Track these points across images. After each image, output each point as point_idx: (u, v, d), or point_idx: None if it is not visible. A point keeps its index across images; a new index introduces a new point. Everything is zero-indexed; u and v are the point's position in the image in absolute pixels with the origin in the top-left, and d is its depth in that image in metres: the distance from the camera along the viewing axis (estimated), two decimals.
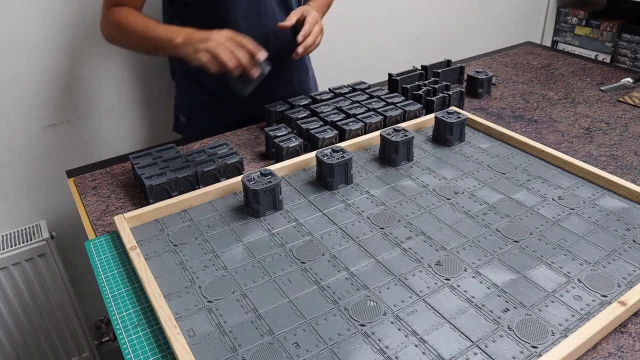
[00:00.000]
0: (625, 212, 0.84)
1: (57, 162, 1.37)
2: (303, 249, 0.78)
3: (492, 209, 0.86)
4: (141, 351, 0.63)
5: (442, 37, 2.08)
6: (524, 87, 1.37)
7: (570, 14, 2.40)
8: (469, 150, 1.04)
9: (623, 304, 0.65)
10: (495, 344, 0.62)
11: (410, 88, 1.23)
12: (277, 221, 0.84)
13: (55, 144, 1.36)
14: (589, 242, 0.78)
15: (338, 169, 0.90)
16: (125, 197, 0.95)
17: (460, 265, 0.74)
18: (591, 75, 1.44)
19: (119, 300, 0.71)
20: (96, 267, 0.77)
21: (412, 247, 0.78)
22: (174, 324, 0.63)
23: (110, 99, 1.40)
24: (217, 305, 0.68)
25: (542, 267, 0.73)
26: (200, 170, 0.91)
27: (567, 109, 1.24)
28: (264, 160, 1.05)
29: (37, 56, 1.25)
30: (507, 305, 0.67)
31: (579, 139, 1.10)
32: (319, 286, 0.71)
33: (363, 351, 0.61)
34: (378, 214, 0.85)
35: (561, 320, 0.64)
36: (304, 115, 1.12)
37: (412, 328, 0.64)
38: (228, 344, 0.63)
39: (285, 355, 0.61)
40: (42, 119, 1.32)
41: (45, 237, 1.34)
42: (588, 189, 0.90)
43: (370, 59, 1.53)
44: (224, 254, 0.77)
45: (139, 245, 0.78)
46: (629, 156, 1.03)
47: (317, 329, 0.64)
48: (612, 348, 0.63)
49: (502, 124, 1.16)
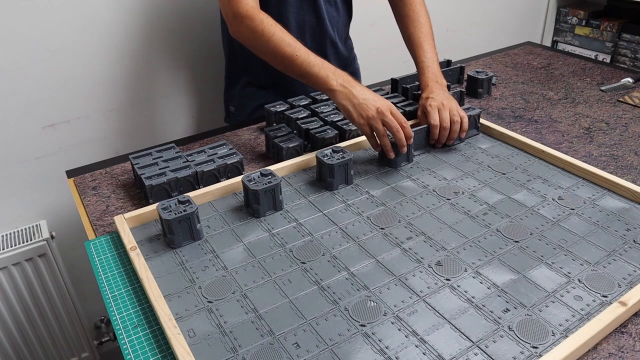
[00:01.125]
0: (625, 212, 0.84)
1: (57, 162, 1.37)
2: (303, 249, 0.78)
3: (492, 209, 0.86)
4: (141, 351, 0.63)
5: (442, 37, 2.07)
6: (524, 87, 1.37)
7: (570, 14, 2.40)
8: (469, 150, 1.04)
9: (623, 304, 0.65)
10: (495, 344, 0.62)
11: (410, 88, 1.23)
12: (277, 221, 0.84)
13: (55, 144, 1.36)
14: (589, 242, 0.78)
15: (338, 169, 0.90)
16: (125, 197, 0.94)
17: (461, 265, 0.74)
18: (591, 75, 1.44)
19: (119, 300, 0.71)
20: (96, 267, 0.77)
21: (412, 248, 0.78)
22: (174, 324, 0.63)
23: (110, 99, 1.40)
24: (217, 305, 0.68)
25: (543, 267, 0.73)
26: (200, 170, 0.91)
27: (567, 109, 1.24)
28: (264, 160, 1.05)
29: (37, 56, 1.25)
30: (508, 305, 0.67)
31: (579, 139, 1.10)
32: (319, 286, 0.71)
33: (363, 351, 0.61)
34: (378, 214, 0.85)
35: (561, 321, 0.64)
36: (304, 115, 1.12)
37: (413, 328, 0.64)
38: (228, 344, 0.62)
39: (286, 356, 0.61)
40: (42, 119, 1.32)
41: (45, 237, 1.34)
42: (588, 189, 0.90)
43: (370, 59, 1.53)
44: (224, 254, 0.77)
45: (139, 246, 0.78)
46: (629, 156, 1.03)
47: (317, 329, 0.64)
48: (612, 348, 0.63)
49: (502, 124, 1.16)
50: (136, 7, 1.34)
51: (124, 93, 1.42)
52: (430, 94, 1.05)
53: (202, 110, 1.57)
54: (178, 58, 1.45)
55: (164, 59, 1.44)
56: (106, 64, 1.36)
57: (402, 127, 0.93)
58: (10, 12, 1.19)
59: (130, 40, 1.36)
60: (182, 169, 0.92)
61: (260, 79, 1.25)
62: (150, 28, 1.38)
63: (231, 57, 1.28)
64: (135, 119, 1.46)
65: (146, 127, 1.49)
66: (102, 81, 1.37)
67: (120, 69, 1.38)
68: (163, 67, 1.45)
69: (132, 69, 1.40)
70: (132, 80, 1.41)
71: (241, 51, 1.20)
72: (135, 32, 1.36)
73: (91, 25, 1.29)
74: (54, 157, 1.37)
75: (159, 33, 1.40)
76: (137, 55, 1.39)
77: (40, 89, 1.29)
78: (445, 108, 1.01)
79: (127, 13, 1.33)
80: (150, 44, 1.40)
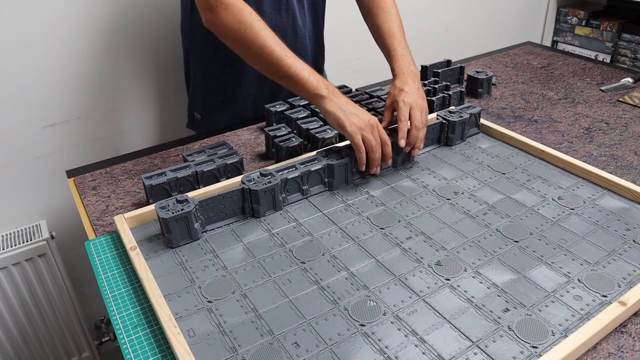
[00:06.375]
0: (625, 212, 0.84)
1: (57, 162, 1.37)
2: (303, 249, 0.78)
3: (492, 209, 0.86)
4: (141, 351, 0.63)
5: (442, 37, 2.08)
6: (524, 87, 1.37)
7: (570, 14, 2.40)
8: (469, 150, 1.04)
9: (623, 304, 0.65)
10: (495, 344, 0.62)
11: None
12: (277, 221, 0.84)
13: (55, 144, 1.36)
14: (589, 242, 0.78)
15: (338, 169, 0.90)
16: (125, 197, 0.95)
17: (460, 265, 0.74)
18: (591, 75, 1.44)
19: (119, 300, 0.71)
20: (96, 267, 0.77)
21: (412, 247, 0.78)
22: (174, 324, 0.63)
23: (110, 99, 1.40)
24: (217, 305, 0.68)
25: (542, 267, 0.73)
26: (200, 170, 0.91)
27: (567, 109, 1.24)
28: (264, 160, 1.05)
29: (37, 56, 1.25)
30: (507, 305, 0.67)
31: (579, 139, 1.10)
32: (319, 286, 0.71)
33: (363, 351, 0.61)
34: (378, 214, 0.85)
35: (561, 320, 0.64)
36: (304, 115, 1.12)
37: (412, 328, 0.64)
38: (228, 344, 0.63)
39: (285, 355, 0.61)
40: (42, 118, 1.32)
41: (45, 237, 1.34)
42: (588, 189, 0.90)
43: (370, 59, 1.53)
44: (224, 254, 0.77)
45: (139, 245, 0.78)
46: (629, 156, 1.03)
47: (317, 329, 0.64)
48: (612, 348, 0.63)
49: (502, 124, 1.16)
50: (136, 7, 1.34)
51: (124, 93, 1.42)
52: (403, 86, 0.99)
53: None
54: (178, 57, 1.45)
55: (164, 59, 1.44)
56: (106, 64, 1.36)
57: (385, 144, 0.91)
58: (10, 12, 1.19)
59: (130, 40, 1.36)
60: (182, 169, 0.92)
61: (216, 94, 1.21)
62: (150, 28, 1.38)
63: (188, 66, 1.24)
64: (135, 119, 1.46)
65: (146, 127, 1.49)
66: (102, 81, 1.37)
67: (120, 69, 1.38)
68: (163, 67, 1.45)
69: (132, 69, 1.40)
70: (132, 80, 1.42)
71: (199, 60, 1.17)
72: (135, 32, 1.36)
73: (91, 26, 1.29)
74: (54, 157, 1.37)
75: (159, 33, 1.40)
76: (137, 55, 1.39)
77: (40, 89, 1.29)
78: (417, 108, 0.95)
79: (127, 13, 1.33)
80: (150, 44, 1.40)
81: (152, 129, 1.51)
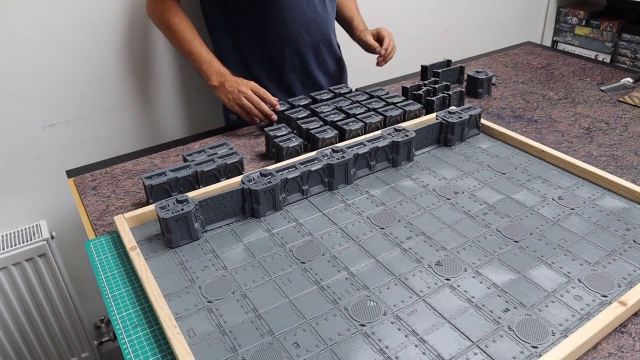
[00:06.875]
0: (625, 212, 0.84)
1: (57, 162, 1.37)
2: (303, 249, 0.78)
3: (492, 209, 0.86)
4: (141, 351, 0.63)
5: (442, 37, 2.08)
6: (524, 87, 1.37)
7: (570, 14, 2.40)
8: (469, 150, 1.04)
9: (623, 304, 0.65)
10: (495, 344, 0.62)
11: (411, 88, 1.23)
12: (277, 221, 0.84)
13: (55, 144, 1.36)
14: (589, 242, 0.78)
15: (338, 169, 0.90)
16: (125, 197, 0.95)
17: (461, 265, 0.74)
18: (591, 75, 1.44)
19: (119, 300, 0.71)
20: (96, 267, 0.77)
21: (412, 247, 0.78)
22: (174, 324, 0.63)
23: (110, 99, 1.40)
24: (217, 305, 0.68)
25: (542, 267, 0.73)
26: (200, 170, 0.91)
27: (567, 109, 1.24)
28: (264, 160, 1.05)
29: (37, 56, 1.25)
30: (507, 305, 0.67)
31: (579, 139, 1.10)
32: (319, 286, 0.71)
33: (363, 351, 0.61)
34: (378, 214, 0.85)
35: (561, 320, 0.64)
36: (304, 115, 1.12)
37: (412, 328, 0.64)
38: (228, 344, 0.62)
39: (285, 356, 0.61)
40: (42, 118, 1.32)
41: (45, 237, 1.34)
42: (588, 189, 0.90)
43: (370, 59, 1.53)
44: (224, 254, 0.77)
45: (139, 246, 0.78)
46: (629, 156, 1.03)
47: (317, 329, 0.64)
48: (612, 348, 0.63)
49: (502, 124, 1.16)
50: (136, 7, 1.33)
51: (124, 93, 1.42)
52: (377, 28, 1.29)
53: (202, 110, 1.57)
54: (178, 58, 1.45)
55: (164, 59, 1.44)
56: (106, 64, 1.35)
57: (263, 98, 1.10)
58: (10, 12, 1.19)
59: (130, 40, 1.36)
60: (182, 169, 0.92)
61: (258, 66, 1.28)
62: (151, 28, 1.38)
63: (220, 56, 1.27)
64: (135, 119, 1.46)
65: (146, 127, 1.49)
66: (102, 81, 1.37)
67: (120, 69, 1.38)
68: (163, 66, 1.45)
69: (132, 69, 1.40)
70: (132, 80, 1.41)
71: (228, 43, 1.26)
72: (136, 32, 1.36)
73: (91, 25, 1.29)
74: (54, 157, 1.37)
75: (159, 33, 1.40)
76: (137, 55, 1.39)
77: (40, 89, 1.29)
78: (392, 39, 1.28)
79: (128, 13, 1.33)
80: (150, 44, 1.40)
81: (152, 129, 1.51)
